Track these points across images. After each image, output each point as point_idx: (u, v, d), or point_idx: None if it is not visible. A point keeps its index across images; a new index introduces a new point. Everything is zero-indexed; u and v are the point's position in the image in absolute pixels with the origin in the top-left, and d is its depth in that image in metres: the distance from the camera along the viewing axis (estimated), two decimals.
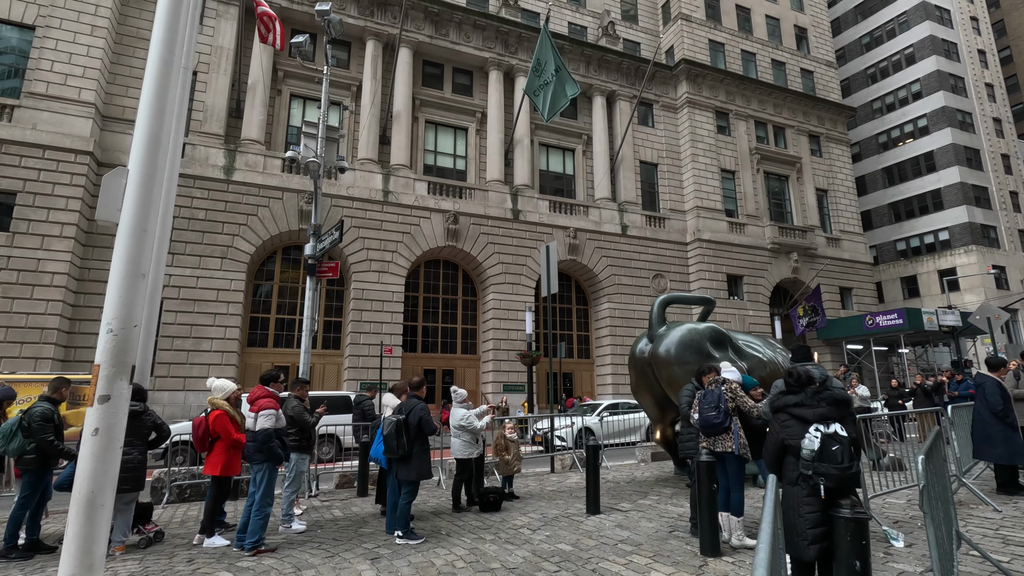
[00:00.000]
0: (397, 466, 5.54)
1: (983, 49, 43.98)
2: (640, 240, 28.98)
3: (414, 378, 6.13)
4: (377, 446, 5.80)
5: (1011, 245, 38.87)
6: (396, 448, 5.46)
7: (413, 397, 5.94)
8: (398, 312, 23.05)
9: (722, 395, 5.05)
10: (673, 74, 32.08)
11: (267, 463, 5.27)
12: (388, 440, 5.44)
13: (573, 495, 7.47)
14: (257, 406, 5.39)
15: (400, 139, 24.85)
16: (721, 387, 5.16)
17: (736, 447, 4.93)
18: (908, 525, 5.42)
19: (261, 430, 5.21)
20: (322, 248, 8.47)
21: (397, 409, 5.66)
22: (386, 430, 5.53)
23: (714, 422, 4.94)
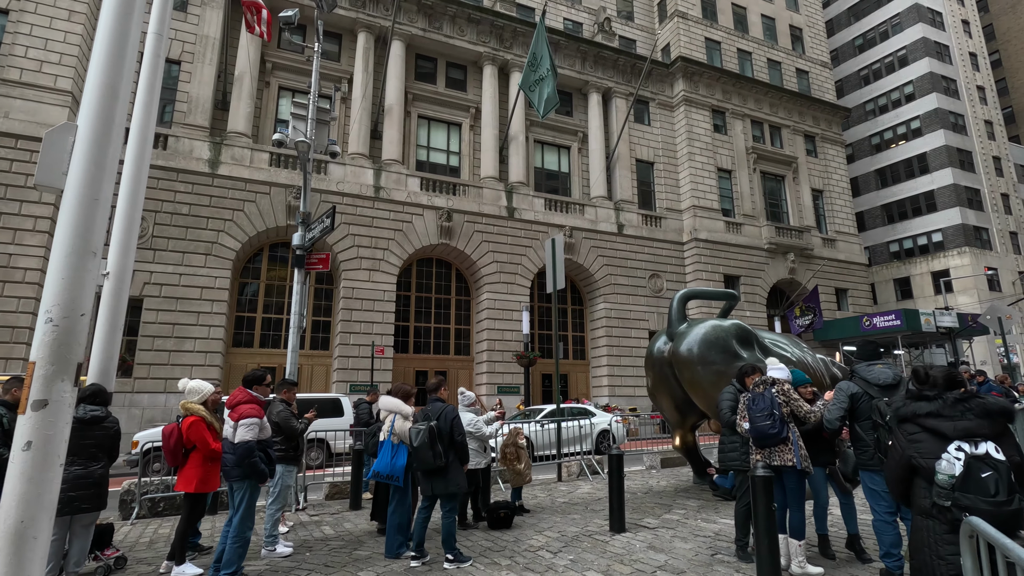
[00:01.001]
0: (431, 480, 4.83)
1: (974, 52, 44.15)
2: (636, 239, 28.47)
3: (431, 380, 5.46)
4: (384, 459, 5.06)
5: (1003, 247, 38.94)
6: (432, 459, 4.68)
7: (437, 400, 5.26)
8: (389, 312, 22.30)
9: (774, 399, 4.43)
10: (669, 72, 31.67)
11: (248, 481, 4.56)
12: (421, 451, 4.71)
13: (589, 508, 6.83)
14: (238, 413, 4.67)
15: (392, 134, 24.13)
16: (771, 389, 4.54)
17: (797, 460, 4.31)
18: None
19: (241, 443, 4.50)
20: (311, 237, 7.77)
21: (422, 415, 5.00)
22: (415, 440, 4.81)
23: (769, 432, 4.31)
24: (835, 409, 4.28)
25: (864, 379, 4.27)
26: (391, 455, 5.05)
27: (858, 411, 4.21)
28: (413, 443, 4.78)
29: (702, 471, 8.04)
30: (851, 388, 4.30)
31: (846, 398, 4.27)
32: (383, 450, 5.10)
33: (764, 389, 4.58)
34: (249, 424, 4.60)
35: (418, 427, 4.82)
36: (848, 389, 4.31)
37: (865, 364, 4.35)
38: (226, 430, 4.68)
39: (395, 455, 5.06)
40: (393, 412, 5.28)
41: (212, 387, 4.79)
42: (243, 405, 4.75)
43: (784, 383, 4.62)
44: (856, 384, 4.31)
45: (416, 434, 4.78)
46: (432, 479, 4.80)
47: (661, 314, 28.17)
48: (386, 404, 5.35)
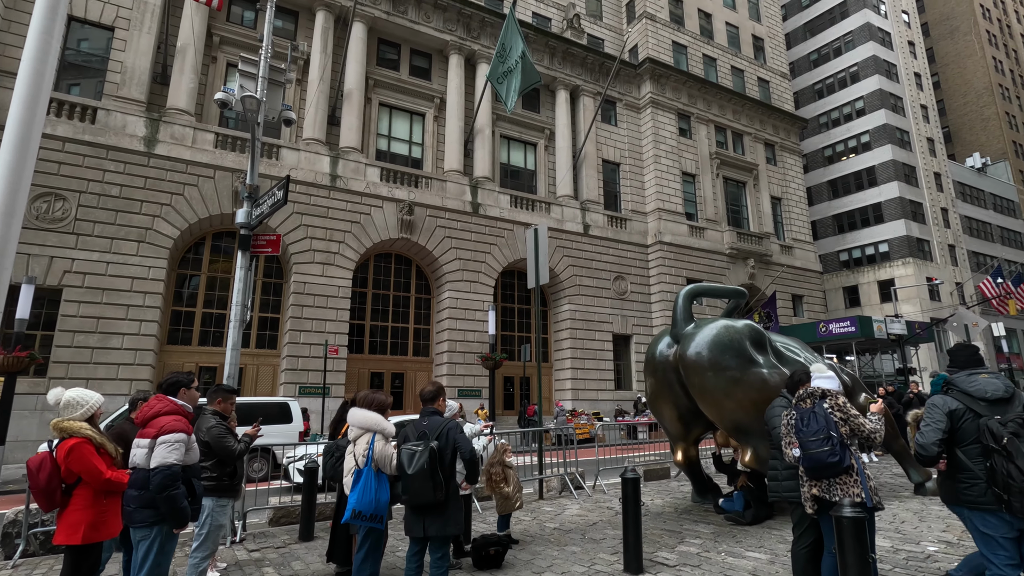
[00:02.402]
0: (425, 518, 3.74)
1: (919, 72, 46.24)
2: (602, 240, 27.96)
3: (428, 387, 4.35)
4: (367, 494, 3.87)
5: (942, 259, 40.77)
6: (433, 491, 3.62)
7: (434, 413, 4.18)
8: (344, 309, 20.83)
9: (829, 417, 3.61)
10: (637, 73, 31.41)
11: (159, 526, 3.36)
12: (418, 481, 3.64)
13: (587, 537, 5.89)
14: (156, 428, 3.47)
15: (351, 120, 22.65)
16: (822, 404, 3.72)
17: (867, 495, 3.50)
18: None
19: (161, 468, 3.31)
20: (260, 214, 6.53)
21: (416, 431, 3.92)
22: (412, 466, 3.72)
23: (828, 461, 3.46)
24: (930, 431, 3.37)
25: (965, 392, 3.40)
26: (374, 489, 3.92)
27: (960, 433, 3.34)
28: (407, 469, 3.70)
29: (704, 489, 7.28)
30: (949, 404, 3.41)
31: (943, 416, 3.38)
32: (362, 482, 3.96)
33: (813, 404, 3.76)
34: (172, 443, 3.40)
35: (412, 448, 3.74)
36: (945, 405, 3.41)
37: (964, 373, 3.48)
38: (134, 454, 3.46)
39: (379, 488, 3.94)
40: (369, 431, 4.16)
41: (99, 397, 3.51)
42: (163, 417, 3.54)
43: (837, 395, 3.81)
44: (955, 398, 3.42)
45: (411, 458, 3.70)
46: (426, 517, 3.73)
47: (625, 317, 27.78)
48: (359, 420, 4.22)
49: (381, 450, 4.02)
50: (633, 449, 15.12)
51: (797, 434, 3.67)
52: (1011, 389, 3.35)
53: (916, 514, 6.38)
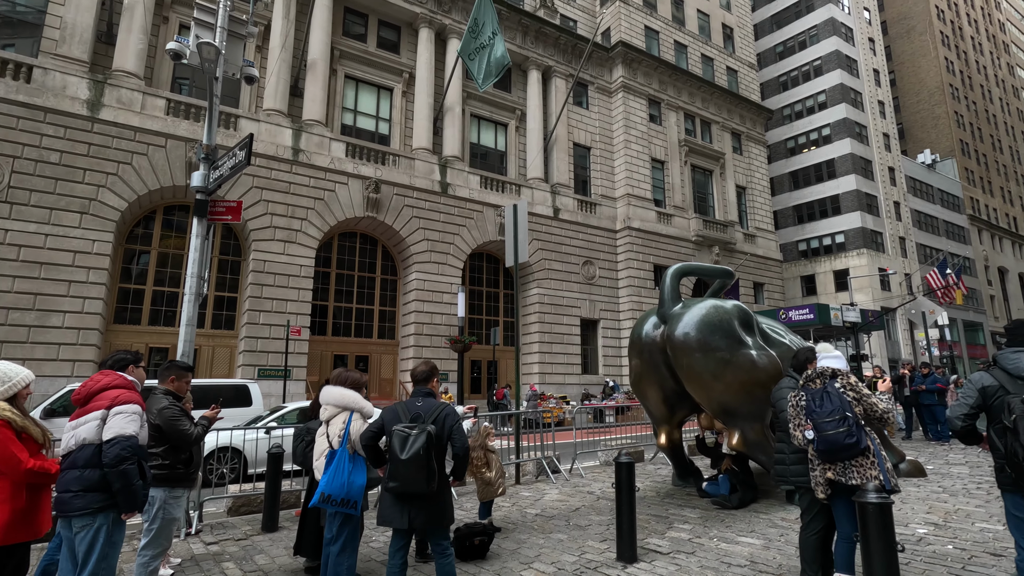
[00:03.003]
0: (414, 509, 3.37)
1: (878, 69, 47.61)
2: (572, 224, 27.79)
3: (421, 366, 3.94)
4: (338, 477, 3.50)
5: (893, 250, 42.44)
6: (427, 479, 3.27)
7: (427, 394, 3.78)
8: (306, 289, 20.02)
9: (843, 398, 3.43)
10: (609, 56, 31.13)
11: (106, 513, 2.91)
12: (412, 467, 3.22)
13: (573, 524, 5.64)
14: (109, 399, 3.00)
15: (315, 92, 21.60)
16: (834, 383, 3.54)
17: (884, 477, 3.34)
18: None
19: (117, 439, 2.84)
20: (219, 177, 5.92)
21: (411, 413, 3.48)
22: (405, 450, 3.28)
23: (846, 442, 3.25)
24: (958, 405, 3.31)
25: (1004, 369, 3.24)
26: (347, 471, 3.55)
27: (992, 411, 3.21)
28: (400, 453, 3.32)
29: (685, 473, 7.16)
30: (984, 380, 3.29)
31: (974, 392, 3.27)
32: (335, 464, 3.57)
33: (824, 384, 3.57)
34: (130, 413, 2.96)
35: (405, 431, 3.36)
36: (979, 382, 3.30)
37: (1011, 350, 3.32)
38: (65, 439, 2.97)
39: (353, 471, 3.57)
40: (345, 409, 3.77)
41: (28, 374, 2.98)
42: (115, 390, 3.08)
43: (848, 374, 3.64)
44: (993, 376, 3.28)
45: (405, 441, 3.31)
46: (415, 507, 3.37)
47: (593, 301, 27.79)
48: (334, 397, 3.82)
49: (359, 430, 3.65)
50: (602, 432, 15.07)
51: (810, 415, 3.47)
52: None
53: (897, 496, 6.42)
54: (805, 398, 3.60)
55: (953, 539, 4.79)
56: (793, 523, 5.42)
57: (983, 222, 53.04)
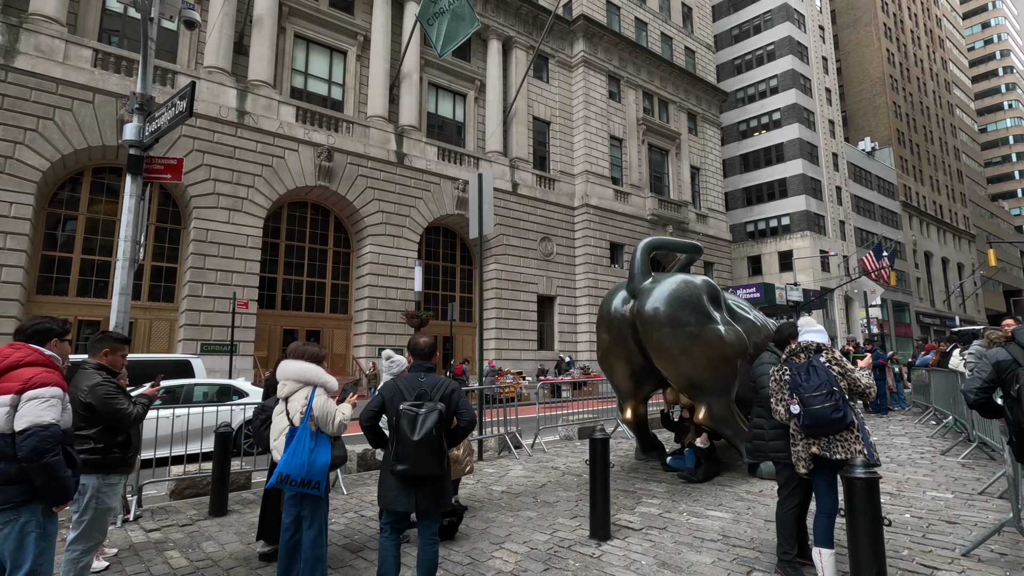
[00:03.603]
0: (417, 492, 3.13)
1: (826, 56, 49.06)
2: (530, 200, 27.55)
3: (423, 337, 3.61)
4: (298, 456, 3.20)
5: (834, 233, 44.43)
6: (439, 461, 3.06)
7: (429, 369, 3.46)
8: (254, 260, 19.04)
9: (829, 372, 3.39)
10: (571, 30, 30.67)
11: (31, 506, 2.52)
12: (423, 449, 2.97)
13: (540, 500, 5.53)
14: (20, 381, 2.56)
15: (262, 50, 20.26)
16: (819, 357, 3.50)
17: (869, 451, 3.33)
18: None
19: (32, 430, 2.41)
20: (156, 130, 5.31)
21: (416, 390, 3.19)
22: (416, 431, 3.01)
23: (833, 417, 3.22)
24: (972, 379, 3.43)
25: (1020, 344, 3.34)
26: (308, 449, 3.25)
27: (1005, 384, 3.30)
28: (412, 434, 3.03)
29: (649, 447, 7.19)
30: (999, 355, 3.37)
31: (988, 366, 3.36)
32: (295, 442, 3.27)
33: (808, 358, 3.53)
34: (47, 397, 2.53)
35: (413, 410, 3.08)
36: (994, 356, 3.39)
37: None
38: None
39: (315, 449, 3.28)
40: (307, 384, 3.45)
41: None
42: (28, 368, 2.62)
43: (832, 349, 3.62)
44: (1010, 350, 3.36)
45: (414, 421, 3.03)
46: (423, 490, 3.13)
47: (551, 278, 27.82)
48: (294, 372, 3.49)
49: (322, 406, 3.35)
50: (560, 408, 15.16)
51: (796, 390, 3.42)
52: None
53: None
54: (789, 372, 3.55)
55: (909, 508, 4.96)
56: (758, 496, 5.50)
57: (914, 208, 56.21)
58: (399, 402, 3.16)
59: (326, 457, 3.30)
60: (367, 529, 4.84)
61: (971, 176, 72.34)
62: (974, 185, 72.74)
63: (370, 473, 7.05)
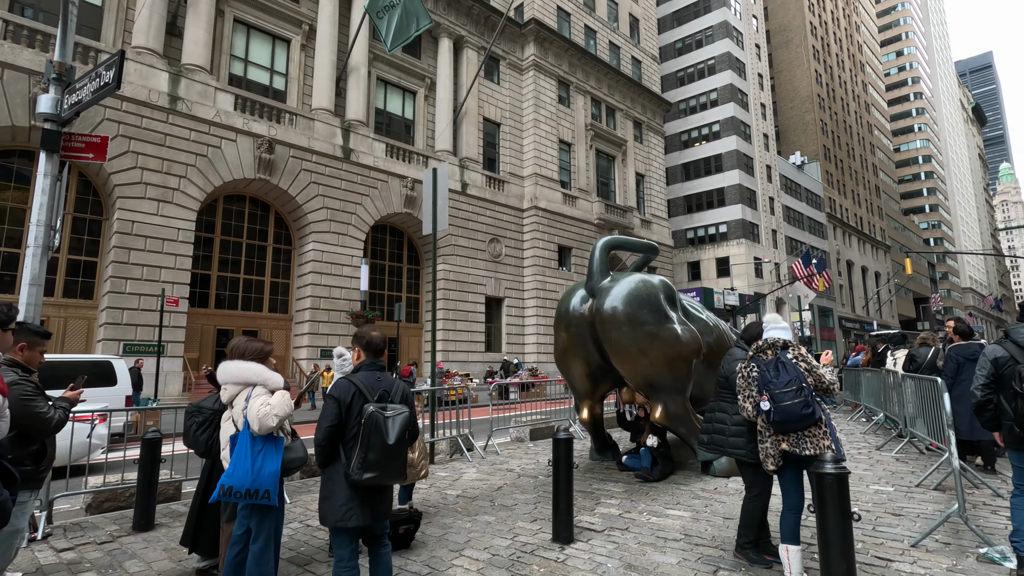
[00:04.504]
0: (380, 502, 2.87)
1: (761, 73, 51.66)
2: (479, 200, 27.37)
3: (375, 332, 3.27)
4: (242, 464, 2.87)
5: (767, 241, 46.74)
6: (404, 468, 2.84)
7: (381, 366, 3.16)
8: (185, 256, 17.88)
9: (798, 368, 3.40)
10: (522, 33, 30.77)
11: None
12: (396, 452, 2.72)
13: (498, 504, 5.34)
14: None
15: (197, 33, 19.09)
16: (787, 354, 3.50)
17: (837, 446, 3.35)
18: None
19: None
20: (77, 103, 4.75)
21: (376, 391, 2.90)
22: (391, 431, 2.72)
23: (803, 413, 3.23)
24: (976, 378, 3.62)
25: (1015, 341, 3.58)
26: (251, 457, 2.93)
27: (1003, 379, 3.51)
28: (388, 438, 2.73)
29: (604, 447, 7.16)
30: (996, 352, 3.59)
31: (988, 363, 3.58)
32: (237, 449, 2.94)
33: (776, 354, 3.53)
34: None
35: (380, 412, 2.77)
36: (992, 353, 3.60)
37: (1022, 326, 3.65)
38: None
39: (261, 456, 2.95)
40: (246, 384, 3.12)
41: None
42: None
43: (798, 345, 3.65)
44: (1005, 348, 3.59)
45: (386, 425, 2.75)
46: (379, 498, 2.86)
47: (499, 279, 27.72)
48: (230, 374, 3.15)
49: (259, 408, 3.01)
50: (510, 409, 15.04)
51: (766, 386, 3.41)
52: None
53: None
54: (757, 369, 3.54)
55: (856, 502, 5.13)
56: (714, 493, 5.55)
57: (838, 220, 60.02)
58: (360, 403, 2.87)
59: (275, 463, 2.99)
60: (314, 540, 4.51)
61: (887, 191, 78.07)
62: (889, 200, 78.54)
63: (315, 479, 6.65)
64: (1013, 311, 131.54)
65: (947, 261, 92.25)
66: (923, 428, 6.54)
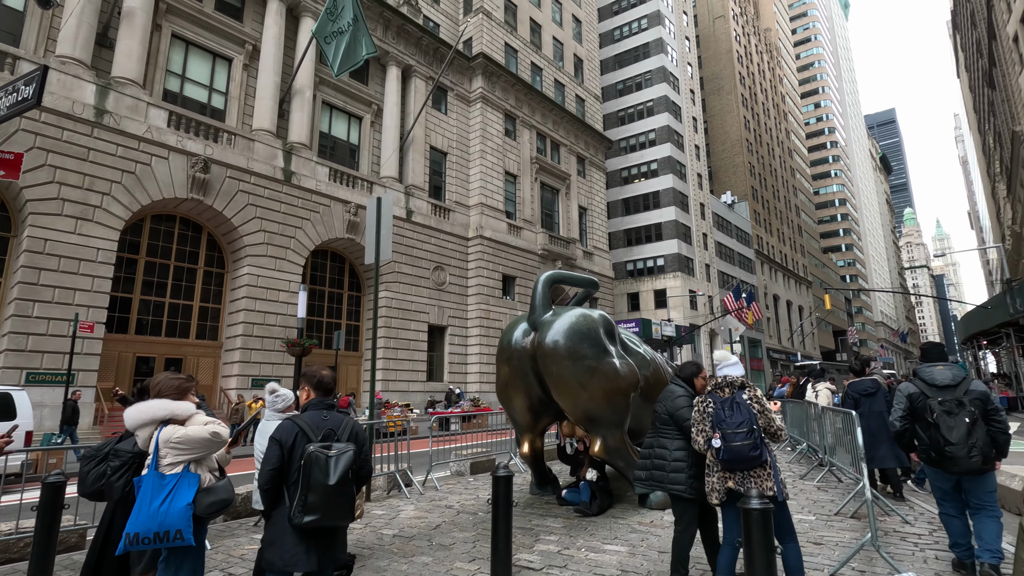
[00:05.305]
0: (326, 547, 2.73)
1: (696, 117, 54.87)
2: (424, 228, 27.28)
3: (325, 371, 3.14)
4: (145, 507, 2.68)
5: (701, 275, 48.94)
6: (351, 509, 2.76)
7: (329, 405, 3.02)
8: (105, 277, 16.75)
9: (751, 409, 3.54)
10: (470, 66, 31.41)
11: None
12: (340, 494, 2.62)
13: (436, 544, 5.19)
14: None
15: (131, 46, 18.33)
16: (742, 395, 3.63)
17: (779, 488, 3.48)
18: None
19: None
20: None
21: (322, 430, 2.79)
22: (331, 475, 2.61)
23: (750, 455, 3.39)
24: (895, 411, 4.28)
25: (923, 379, 4.23)
26: (159, 496, 2.72)
27: (916, 411, 4.18)
28: (327, 478, 2.62)
29: (544, 481, 7.14)
30: (909, 388, 4.26)
31: (904, 398, 4.25)
32: (143, 492, 2.73)
33: (733, 393, 3.66)
34: None
35: (323, 452, 2.66)
36: (906, 389, 4.27)
37: (927, 365, 4.31)
38: None
39: (170, 495, 2.75)
40: (151, 423, 2.92)
41: None
42: None
43: (754, 387, 3.79)
44: (915, 384, 4.25)
45: (328, 465, 2.63)
46: (324, 543, 2.72)
47: (443, 308, 27.52)
48: (133, 420, 2.93)
49: (174, 433, 2.82)
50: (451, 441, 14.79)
51: (719, 424, 3.54)
52: (958, 378, 4.13)
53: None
54: (712, 405, 3.66)
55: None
56: (650, 527, 5.64)
57: (765, 256, 63.78)
58: (303, 444, 2.77)
59: (186, 498, 2.78)
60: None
61: (808, 231, 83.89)
62: (810, 239, 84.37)
63: (240, 522, 6.25)
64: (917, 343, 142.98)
65: (861, 297, 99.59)
66: (842, 458, 6.95)
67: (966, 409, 3.98)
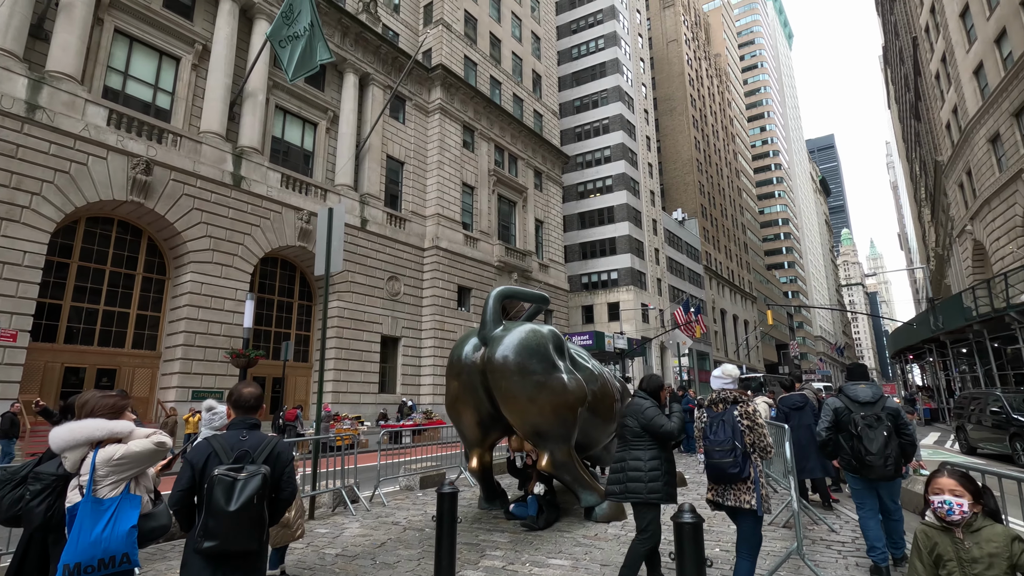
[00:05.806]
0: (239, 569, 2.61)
1: (649, 136, 56.60)
2: (379, 238, 26.96)
3: (247, 388, 3.02)
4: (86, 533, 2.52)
5: (653, 288, 50.23)
6: (257, 536, 2.60)
7: (251, 424, 2.91)
8: (32, 283, 15.76)
9: (737, 426, 3.67)
10: (429, 76, 31.43)
11: None
12: (242, 521, 2.49)
13: (380, 562, 5.10)
14: None
15: (68, 39, 17.46)
16: (733, 411, 3.74)
17: (757, 503, 3.55)
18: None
19: None
20: None
21: (235, 451, 2.69)
22: (233, 500, 2.49)
23: (730, 472, 3.55)
24: (822, 423, 4.79)
25: (847, 395, 4.76)
26: (100, 521, 2.56)
27: (840, 424, 4.69)
28: (228, 504, 2.49)
29: (492, 496, 7.13)
30: (836, 403, 4.78)
31: (830, 411, 4.76)
32: (80, 519, 2.57)
33: (725, 408, 3.78)
34: None
35: (230, 475, 2.54)
36: (833, 404, 4.79)
37: (851, 383, 4.85)
38: None
39: (111, 520, 2.60)
40: (85, 444, 2.78)
41: None
42: None
43: (748, 402, 3.85)
44: (841, 400, 4.77)
45: (231, 489, 2.51)
46: (230, 568, 2.60)
47: (396, 318, 27.19)
48: (62, 440, 2.75)
49: (107, 455, 2.68)
50: (401, 454, 14.57)
51: (705, 439, 3.71)
52: (878, 395, 4.68)
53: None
54: (706, 423, 3.81)
55: (718, 542, 5.55)
56: (594, 540, 5.73)
57: (713, 272, 66.10)
58: (214, 466, 2.68)
59: (131, 519, 2.64)
60: None
61: (753, 248, 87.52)
62: (756, 256, 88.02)
63: (172, 544, 5.98)
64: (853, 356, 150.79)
65: (802, 312, 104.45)
66: (776, 469, 7.27)
67: (884, 424, 4.50)
